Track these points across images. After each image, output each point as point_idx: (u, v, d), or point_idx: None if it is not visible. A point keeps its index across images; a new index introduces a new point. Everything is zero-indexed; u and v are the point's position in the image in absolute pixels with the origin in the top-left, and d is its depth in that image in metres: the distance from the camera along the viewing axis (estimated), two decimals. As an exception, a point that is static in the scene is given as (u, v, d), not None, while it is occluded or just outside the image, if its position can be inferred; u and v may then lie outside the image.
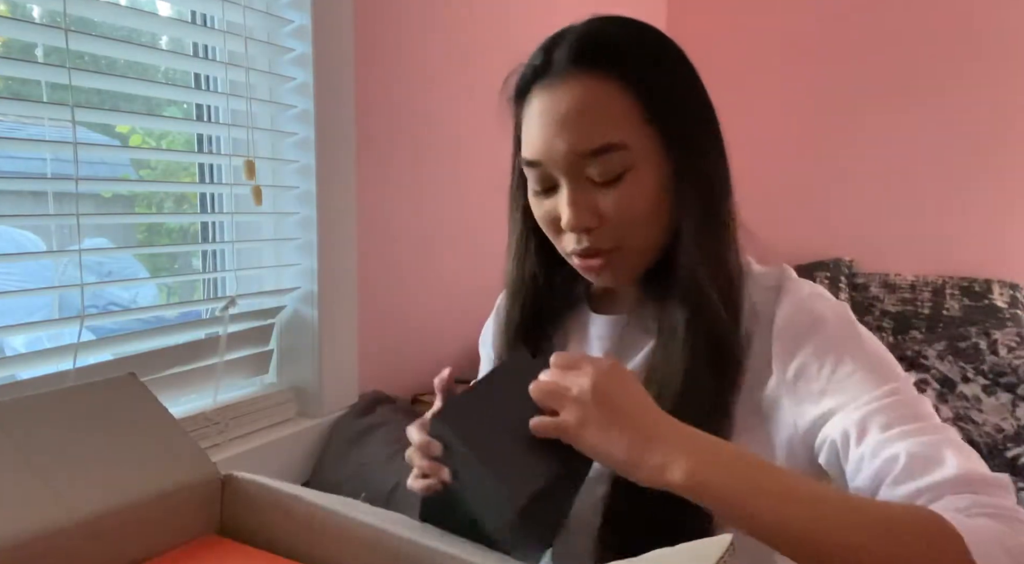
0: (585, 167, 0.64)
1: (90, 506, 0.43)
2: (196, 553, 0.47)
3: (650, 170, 0.65)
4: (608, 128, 0.63)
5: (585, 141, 0.63)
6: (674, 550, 0.41)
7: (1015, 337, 2.08)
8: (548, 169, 0.66)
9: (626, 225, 0.65)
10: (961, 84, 2.31)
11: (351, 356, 1.38)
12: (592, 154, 0.64)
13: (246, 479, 0.50)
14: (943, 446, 0.55)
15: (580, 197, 0.65)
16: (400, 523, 0.46)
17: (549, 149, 0.65)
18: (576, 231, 0.66)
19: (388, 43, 1.43)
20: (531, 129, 0.67)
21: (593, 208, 0.65)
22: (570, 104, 0.64)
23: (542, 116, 0.66)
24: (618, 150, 0.63)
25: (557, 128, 0.64)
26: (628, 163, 0.64)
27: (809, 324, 0.63)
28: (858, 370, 0.60)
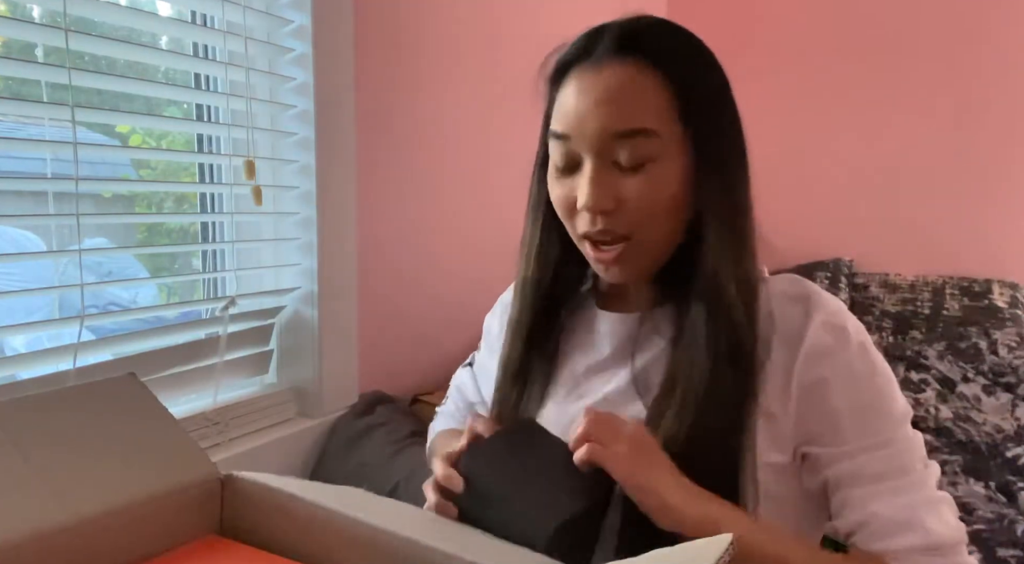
0: (612, 149, 0.65)
1: (90, 506, 0.43)
2: (196, 553, 0.47)
3: (675, 164, 0.66)
4: (643, 113, 0.64)
5: (618, 122, 0.64)
6: (674, 550, 0.41)
7: (1015, 337, 2.08)
8: (575, 145, 0.67)
9: (643, 214, 0.65)
10: (961, 84, 2.31)
11: (351, 356, 1.38)
12: (623, 136, 0.64)
13: (246, 479, 0.50)
14: (919, 509, 0.61)
15: (602, 178, 0.65)
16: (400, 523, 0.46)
17: (581, 124, 0.66)
18: (592, 212, 0.66)
19: (388, 43, 1.43)
20: (566, 104, 0.68)
21: (613, 191, 0.65)
22: (609, 84, 0.65)
23: (579, 92, 0.66)
24: (648, 136, 0.64)
25: (593, 105, 0.65)
26: (655, 152, 0.65)
27: (834, 346, 0.65)
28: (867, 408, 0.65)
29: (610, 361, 0.74)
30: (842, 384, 0.64)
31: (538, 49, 0.74)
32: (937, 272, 2.35)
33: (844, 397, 0.64)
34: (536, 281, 0.77)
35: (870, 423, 0.64)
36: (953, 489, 1.46)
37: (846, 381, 0.64)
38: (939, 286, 2.31)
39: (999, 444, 1.66)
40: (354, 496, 0.52)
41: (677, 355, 0.68)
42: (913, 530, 0.60)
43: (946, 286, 2.30)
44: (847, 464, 0.63)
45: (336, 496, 0.50)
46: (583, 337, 0.77)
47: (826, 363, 0.64)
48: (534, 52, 0.75)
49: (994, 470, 1.52)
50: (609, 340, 0.75)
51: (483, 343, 0.91)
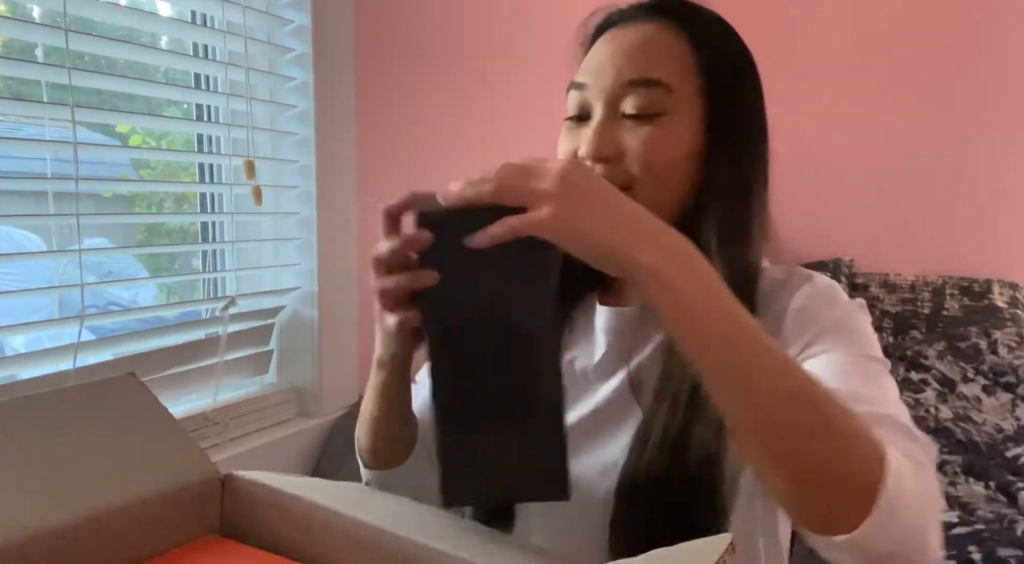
0: (623, 97, 0.66)
1: (90, 506, 0.43)
2: (196, 553, 0.47)
3: (684, 125, 0.66)
4: (658, 66, 0.65)
5: (632, 70, 0.65)
6: (674, 550, 0.41)
7: (1015, 337, 2.08)
8: (588, 94, 0.68)
9: (643, 167, 0.65)
10: (962, 85, 2.31)
11: (351, 356, 1.38)
12: (635, 84, 0.65)
13: (246, 479, 0.50)
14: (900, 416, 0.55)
15: (607, 127, 0.66)
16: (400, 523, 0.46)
17: (598, 72, 0.67)
18: (593, 160, 0.66)
19: (388, 43, 1.43)
20: (589, 58, 0.70)
21: (616, 140, 0.65)
22: (632, 39, 0.67)
23: (604, 46, 0.69)
24: (660, 87, 0.65)
25: (612, 54, 0.67)
26: (666, 106, 0.65)
27: (823, 309, 0.64)
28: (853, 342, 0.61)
29: (607, 360, 0.73)
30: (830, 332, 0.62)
31: (538, 49, 0.75)
32: (937, 272, 2.35)
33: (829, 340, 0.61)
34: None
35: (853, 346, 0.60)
36: (953, 489, 1.46)
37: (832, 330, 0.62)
38: (939, 286, 2.31)
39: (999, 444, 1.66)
40: (355, 493, 0.52)
41: (671, 352, 0.66)
42: (892, 425, 0.53)
43: (946, 286, 2.31)
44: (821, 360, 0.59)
45: (336, 494, 0.50)
46: (581, 333, 0.76)
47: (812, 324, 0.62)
48: (534, 51, 0.75)
49: (994, 470, 1.52)
50: (606, 337, 0.74)
51: None
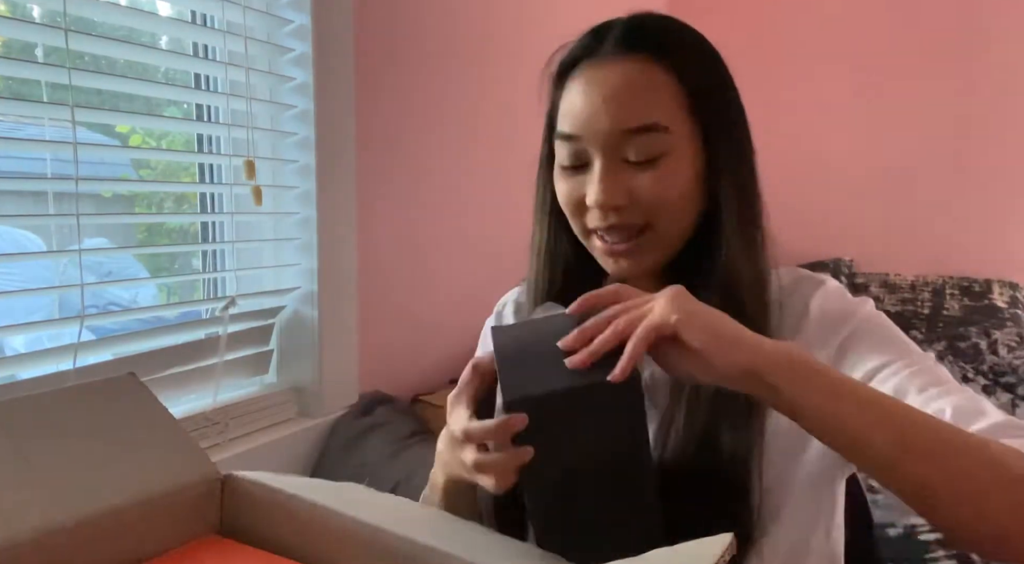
0: (623, 146, 0.65)
1: (90, 506, 0.43)
2: (196, 553, 0.47)
3: (686, 159, 0.66)
4: (653, 109, 0.64)
5: (629, 118, 0.64)
6: (674, 550, 0.41)
7: (1015, 337, 2.08)
8: (584, 144, 0.66)
9: (656, 208, 0.65)
10: (962, 86, 2.31)
11: (351, 356, 1.38)
12: (634, 132, 0.64)
13: (246, 479, 0.50)
14: (980, 401, 0.59)
15: (612, 175, 0.65)
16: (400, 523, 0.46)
17: (590, 123, 0.65)
18: (604, 208, 0.65)
19: (388, 43, 1.43)
20: (573, 103, 0.67)
21: (624, 187, 0.65)
22: (618, 81, 0.65)
23: (587, 92, 0.66)
24: (659, 132, 0.64)
25: (602, 103, 0.65)
26: (666, 147, 0.64)
27: (846, 311, 0.67)
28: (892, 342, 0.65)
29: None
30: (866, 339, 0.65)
31: (538, 48, 0.74)
32: (937, 272, 2.35)
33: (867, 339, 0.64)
34: (548, 284, 0.75)
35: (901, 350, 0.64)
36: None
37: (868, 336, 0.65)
38: (939, 286, 2.31)
39: (999, 444, 1.66)
40: (355, 493, 0.52)
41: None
42: (986, 414, 0.57)
43: (946, 286, 2.31)
44: (893, 380, 0.61)
45: (337, 494, 0.50)
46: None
47: (844, 331, 0.65)
48: (534, 51, 0.75)
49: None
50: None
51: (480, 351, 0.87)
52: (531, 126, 0.76)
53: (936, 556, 1.15)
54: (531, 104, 0.75)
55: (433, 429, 1.35)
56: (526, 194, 0.79)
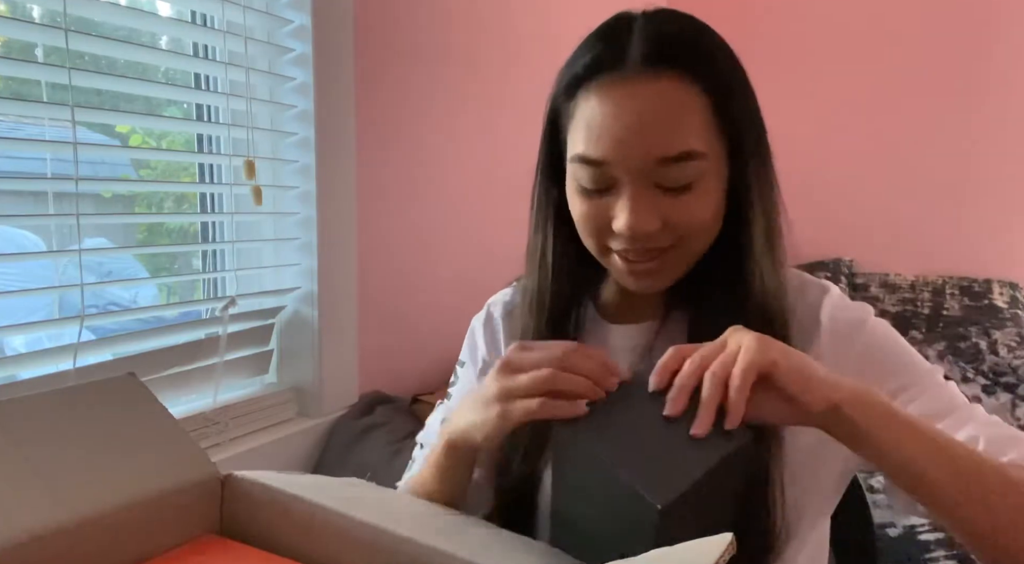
0: (656, 173, 0.61)
1: (90, 506, 0.43)
2: (196, 553, 0.47)
3: (717, 179, 0.63)
4: (688, 135, 0.60)
5: (664, 147, 0.60)
6: (674, 550, 0.41)
7: (1015, 337, 2.08)
8: (611, 170, 0.62)
9: (689, 231, 0.63)
10: (962, 86, 2.31)
11: (351, 356, 1.38)
12: (670, 161, 0.60)
13: (246, 479, 0.50)
14: (1001, 425, 0.62)
15: (645, 202, 0.61)
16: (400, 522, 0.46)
17: (621, 150, 0.60)
18: (636, 236, 0.62)
19: (388, 43, 1.43)
20: (597, 125, 0.61)
21: (656, 213, 0.61)
22: (650, 105, 0.60)
23: (615, 114, 0.60)
24: (696, 159, 0.60)
25: (634, 129, 0.60)
26: (701, 173, 0.61)
27: (854, 323, 0.67)
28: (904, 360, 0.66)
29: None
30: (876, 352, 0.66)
31: (537, 49, 0.74)
32: (937, 272, 2.35)
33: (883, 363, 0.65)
34: (552, 293, 0.72)
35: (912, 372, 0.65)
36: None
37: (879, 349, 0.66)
38: (939, 286, 2.31)
39: (999, 444, 1.65)
40: (357, 489, 0.52)
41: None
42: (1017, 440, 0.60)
43: (946, 286, 2.30)
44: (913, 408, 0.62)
45: (338, 492, 0.50)
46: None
47: (856, 340, 0.66)
48: (533, 51, 0.74)
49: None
50: (623, 354, 0.72)
51: (467, 353, 0.85)
52: (534, 125, 0.75)
53: (936, 556, 1.15)
54: (531, 104, 0.75)
55: (433, 429, 1.35)
56: (526, 195, 0.78)
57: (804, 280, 0.72)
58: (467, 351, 0.85)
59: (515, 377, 0.55)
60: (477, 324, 0.84)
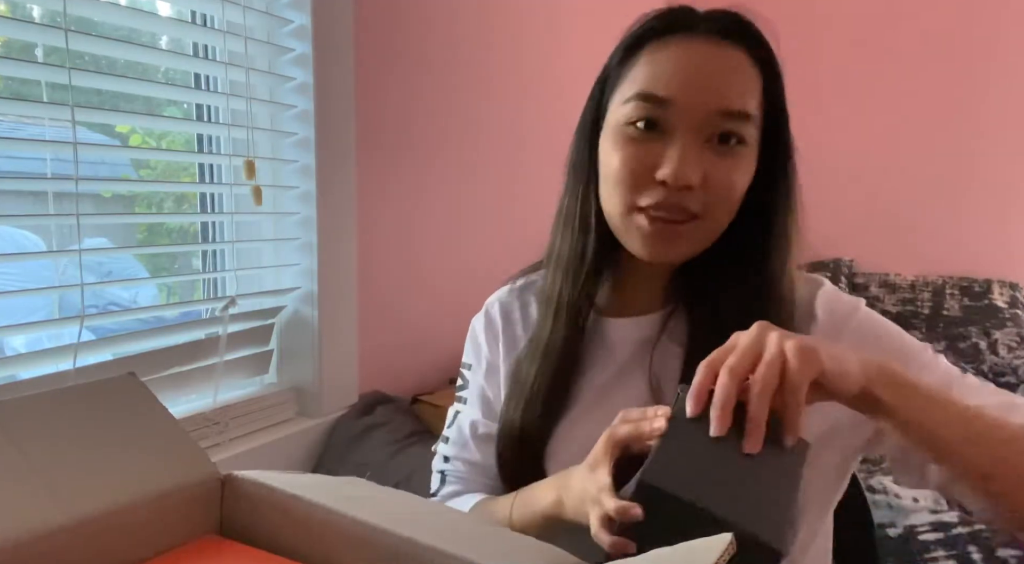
0: (712, 126, 0.63)
1: (90, 506, 0.43)
2: (196, 553, 0.47)
3: (754, 157, 0.66)
4: (749, 98, 0.64)
5: (729, 101, 0.63)
6: (674, 549, 0.41)
7: (1015, 337, 2.08)
8: (671, 113, 0.63)
9: (720, 196, 0.64)
10: (962, 84, 2.31)
11: (351, 356, 1.38)
12: (730, 115, 0.63)
13: (246, 479, 0.50)
14: (1004, 393, 0.64)
15: (694, 153, 0.63)
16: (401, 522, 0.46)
17: (689, 92, 0.63)
18: (675, 186, 0.62)
19: (388, 43, 1.43)
20: (663, 69, 0.64)
21: (700, 169, 0.63)
22: (721, 62, 0.64)
23: (686, 61, 0.64)
24: (750, 123, 0.64)
25: (705, 79, 0.63)
26: (749, 139, 0.65)
27: (847, 312, 0.69)
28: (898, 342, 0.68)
29: (624, 369, 0.72)
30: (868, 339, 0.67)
31: (538, 49, 0.74)
32: (937, 272, 2.35)
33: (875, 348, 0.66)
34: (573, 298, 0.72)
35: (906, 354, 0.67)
36: (953, 489, 1.46)
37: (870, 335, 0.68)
38: (939, 286, 2.31)
39: (999, 444, 1.66)
40: (357, 488, 0.52)
41: (692, 359, 0.66)
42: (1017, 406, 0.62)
43: (946, 286, 2.31)
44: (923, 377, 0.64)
45: (338, 491, 0.50)
46: (596, 349, 0.74)
47: (848, 329, 0.68)
48: (538, 47, 0.74)
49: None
50: (624, 348, 0.73)
51: (471, 355, 0.85)
52: (534, 124, 0.76)
53: (936, 556, 1.15)
54: (533, 101, 0.75)
55: (432, 429, 1.35)
56: (526, 194, 0.78)
57: (800, 276, 0.73)
58: (471, 353, 0.85)
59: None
60: (478, 325, 0.85)
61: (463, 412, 0.83)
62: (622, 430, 0.56)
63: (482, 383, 0.82)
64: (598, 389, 0.73)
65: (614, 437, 0.56)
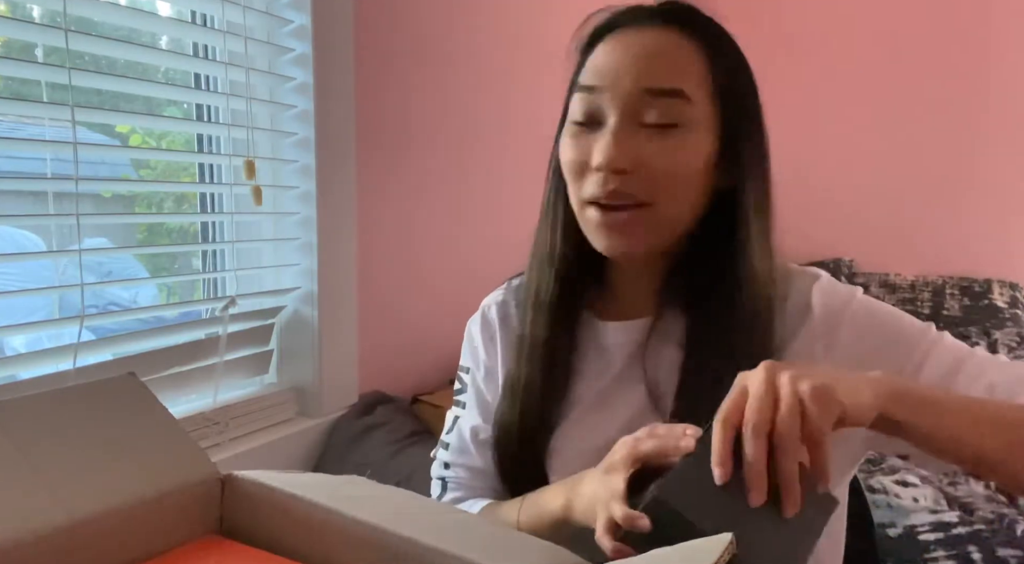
0: (642, 107, 0.63)
1: (90, 506, 0.43)
2: (196, 553, 0.47)
3: (700, 139, 0.64)
4: (680, 76, 0.63)
5: (655, 78, 0.63)
6: (674, 549, 0.41)
7: (1015, 337, 2.08)
8: (602, 99, 0.64)
9: (663, 181, 0.63)
10: (961, 83, 2.31)
11: (351, 356, 1.38)
12: (656, 94, 0.63)
13: (246, 479, 0.50)
14: (1016, 366, 0.64)
15: (624, 136, 0.63)
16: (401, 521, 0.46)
17: (615, 76, 0.64)
18: (606, 170, 0.63)
19: (387, 43, 1.43)
20: (600, 60, 0.66)
21: (633, 151, 0.62)
22: (650, 43, 0.64)
23: (617, 49, 0.65)
24: (681, 99, 0.63)
25: (631, 59, 0.64)
26: (684, 118, 0.63)
27: (844, 299, 0.68)
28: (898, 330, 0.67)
29: (623, 374, 0.72)
30: (867, 327, 0.67)
31: (537, 49, 0.74)
32: (937, 272, 2.35)
33: (876, 336, 0.66)
34: (551, 294, 0.72)
35: (909, 339, 0.66)
36: (953, 489, 1.46)
37: (868, 323, 0.67)
38: (939, 286, 2.31)
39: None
40: (358, 488, 0.52)
41: (689, 362, 0.66)
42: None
43: (946, 286, 2.30)
44: (923, 378, 0.64)
45: (339, 491, 0.49)
46: (591, 353, 0.74)
47: (845, 318, 0.67)
48: (534, 52, 0.75)
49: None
50: (619, 351, 0.72)
51: (468, 358, 0.84)
52: (533, 123, 0.76)
53: (936, 556, 1.15)
54: (531, 105, 0.75)
55: (432, 429, 1.35)
56: (526, 194, 0.78)
57: (795, 270, 0.72)
58: (468, 356, 0.85)
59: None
60: (474, 327, 0.84)
61: (463, 417, 0.83)
62: (647, 445, 0.55)
63: (481, 387, 0.82)
64: (597, 393, 0.72)
65: (637, 449, 0.55)
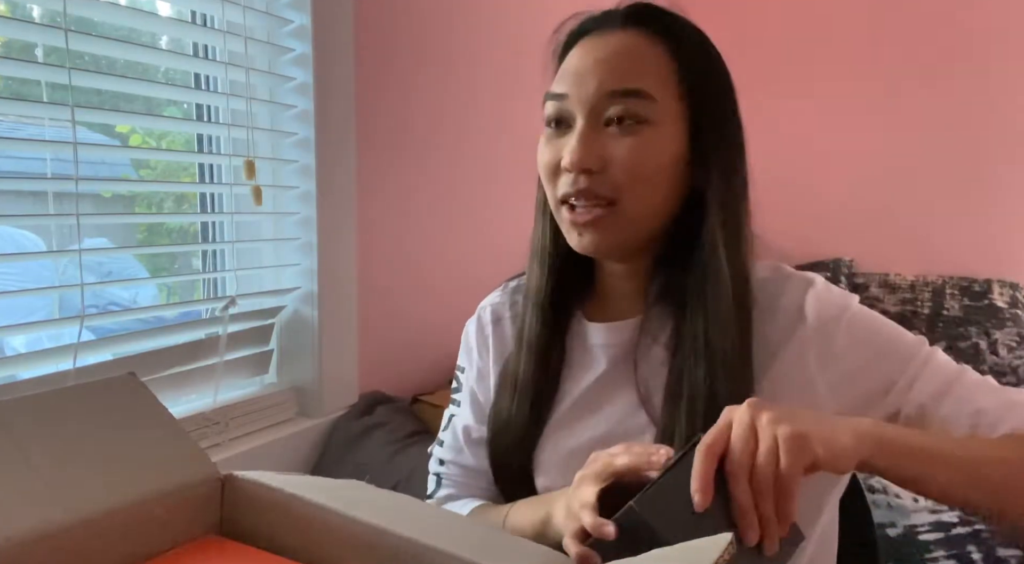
0: (606, 108, 0.65)
1: (90, 506, 0.43)
2: (196, 553, 0.47)
3: (667, 136, 0.65)
4: (641, 76, 0.65)
5: (617, 81, 0.65)
6: (674, 549, 0.41)
7: (1015, 337, 2.08)
8: (569, 105, 0.67)
9: (628, 178, 0.64)
10: (960, 83, 2.31)
11: (351, 356, 1.38)
12: (619, 95, 0.64)
13: (246, 479, 0.50)
14: (1003, 391, 0.66)
15: (590, 137, 0.65)
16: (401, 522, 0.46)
17: (577, 82, 0.66)
18: (575, 169, 0.65)
19: (387, 43, 1.43)
20: (569, 65, 0.68)
21: (600, 151, 0.64)
22: (613, 48, 0.66)
23: (582, 56, 0.67)
24: (645, 98, 0.64)
25: (592, 64, 0.66)
26: (649, 116, 0.64)
27: (839, 308, 0.68)
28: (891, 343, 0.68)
29: (611, 374, 0.72)
30: (862, 338, 0.67)
31: (538, 49, 0.74)
32: (937, 272, 2.35)
33: (870, 347, 0.66)
34: (543, 288, 0.74)
35: (902, 353, 0.67)
36: (953, 489, 1.46)
37: (863, 334, 0.67)
38: (939, 286, 2.31)
39: (999, 444, 1.65)
40: (356, 491, 0.52)
41: (676, 362, 0.67)
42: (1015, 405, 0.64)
43: (946, 286, 2.30)
44: (914, 395, 0.65)
45: (338, 492, 0.50)
46: (579, 354, 0.75)
47: (839, 328, 0.66)
48: (534, 52, 0.75)
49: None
50: (606, 352, 0.73)
51: (464, 358, 0.86)
52: (533, 123, 0.76)
53: (936, 556, 1.15)
54: (531, 105, 0.75)
55: (432, 429, 1.35)
56: (526, 194, 0.79)
57: (789, 274, 0.71)
58: (464, 356, 0.86)
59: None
60: (470, 328, 0.86)
61: (457, 415, 0.84)
62: (622, 460, 0.56)
63: (473, 387, 0.83)
64: (586, 394, 0.73)
65: (612, 464, 0.56)
